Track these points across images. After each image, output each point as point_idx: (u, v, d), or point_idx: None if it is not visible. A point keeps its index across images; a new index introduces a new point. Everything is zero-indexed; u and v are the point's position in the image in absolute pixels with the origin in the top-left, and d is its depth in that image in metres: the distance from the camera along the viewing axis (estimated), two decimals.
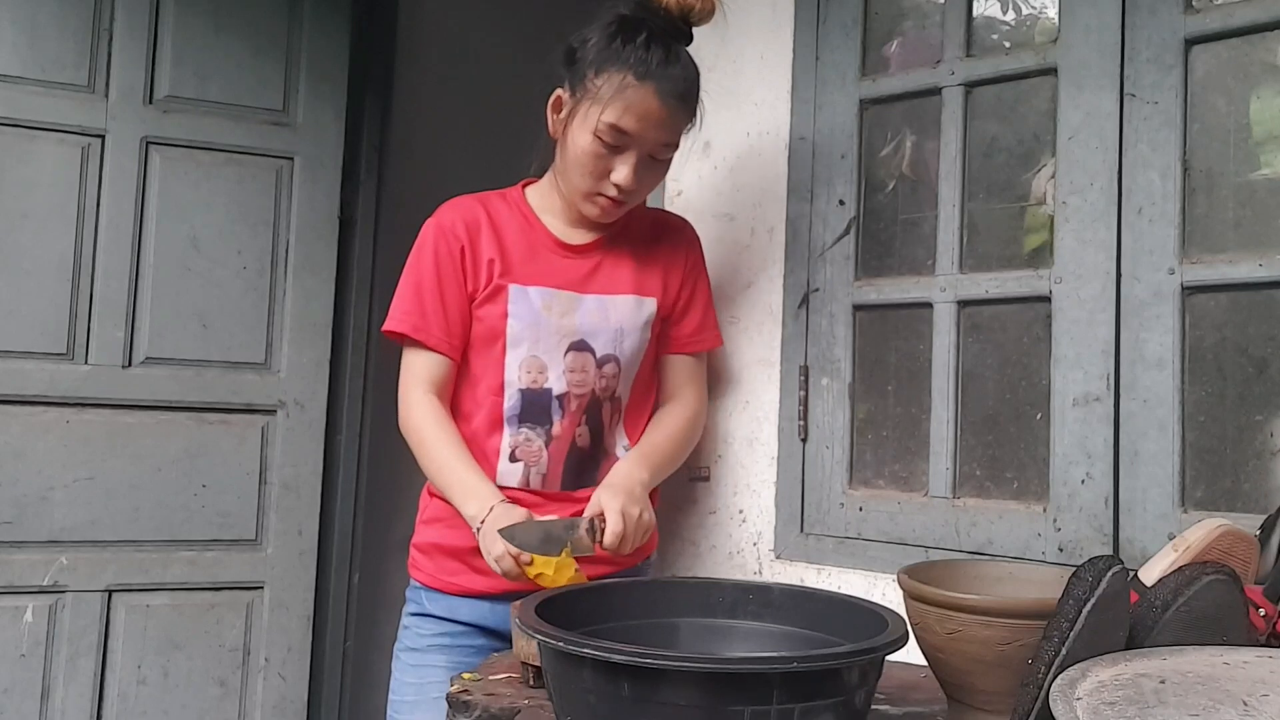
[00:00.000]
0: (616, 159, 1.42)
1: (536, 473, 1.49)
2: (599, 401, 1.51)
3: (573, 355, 1.49)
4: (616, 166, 1.42)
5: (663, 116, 1.40)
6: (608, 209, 1.47)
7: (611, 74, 1.39)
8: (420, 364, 1.49)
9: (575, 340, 1.49)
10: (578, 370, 1.49)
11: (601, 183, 1.44)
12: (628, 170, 1.42)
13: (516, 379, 1.48)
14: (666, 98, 1.39)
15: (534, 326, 1.47)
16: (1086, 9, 1.42)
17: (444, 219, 1.52)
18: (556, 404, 1.49)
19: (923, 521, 1.52)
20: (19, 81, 2.07)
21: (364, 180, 2.52)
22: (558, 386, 1.48)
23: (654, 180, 1.49)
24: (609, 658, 0.85)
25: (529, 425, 1.48)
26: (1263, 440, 1.29)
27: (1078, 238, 1.40)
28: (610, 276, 1.53)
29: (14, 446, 2.06)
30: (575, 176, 1.45)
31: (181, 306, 2.19)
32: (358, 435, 2.50)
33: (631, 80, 1.38)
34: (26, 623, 2.05)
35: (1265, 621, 1.02)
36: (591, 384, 1.50)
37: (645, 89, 1.38)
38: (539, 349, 1.48)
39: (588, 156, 1.42)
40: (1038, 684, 0.88)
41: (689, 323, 1.59)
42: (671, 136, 1.44)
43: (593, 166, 1.43)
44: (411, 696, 1.51)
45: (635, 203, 1.50)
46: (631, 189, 1.44)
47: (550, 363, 1.48)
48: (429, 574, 1.53)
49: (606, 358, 1.51)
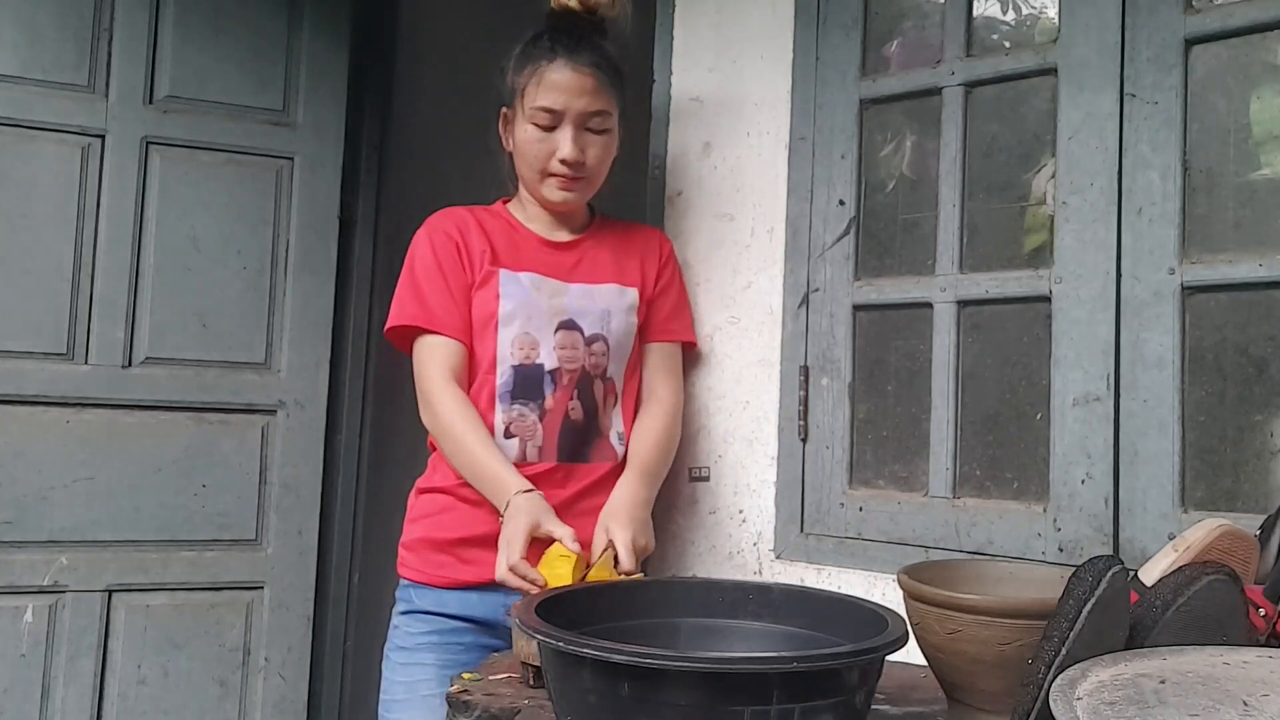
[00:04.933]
0: (555, 136, 1.52)
1: (533, 446, 1.53)
2: (590, 378, 1.56)
3: (562, 333, 1.55)
4: (559, 144, 1.52)
5: (582, 84, 1.50)
6: (566, 185, 1.55)
7: (525, 69, 1.53)
8: (435, 353, 1.53)
9: (564, 320, 1.56)
10: (567, 347, 1.55)
11: (550, 162, 1.53)
12: (567, 143, 1.51)
13: (509, 355, 1.53)
14: (580, 66, 1.50)
15: (525, 305, 1.54)
16: (1086, 9, 1.42)
17: (435, 222, 1.60)
18: (549, 378, 1.54)
19: (923, 521, 1.52)
20: (19, 81, 2.07)
21: (364, 180, 2.52)
22: (549, 362, 1.54)
23: (601, 154, 1.56)
24: (609, 658, 0.85)
25: (522, 401, 1.53)
26: (1263, 440, 1.29)
27: (1078, 238, 1.40)
28: (592, 268, 1.61)
29: (14, 446, 2.06)
30: (527, 169, 1.56)
31: (181, 306, 2.19)
32: (358, 435, 2.50)
33: (543, 64, 1.51)
34: (26, 623, 2.05)
35: (1265, 621, 1.02)
36: (581, 360, 1.56)
37: (556, 65, 1.50)
38: (530, 326, 1.54)
39: (530, 144, 1.53)
40: (1038, 684, 0.87)
41: (660, 311, 1.66)
42: (597, 104, 1.52)
43: (537, 150, 1.53)
44: (402, 695, 1.52)
45: (594, 176, 1.58)
46: (577, 160, 1.52)
47: (541, 339, 1.54)
48: (416, 569, 1.55)
49: (594, 336, 1.57)
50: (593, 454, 1.56)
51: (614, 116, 1.56)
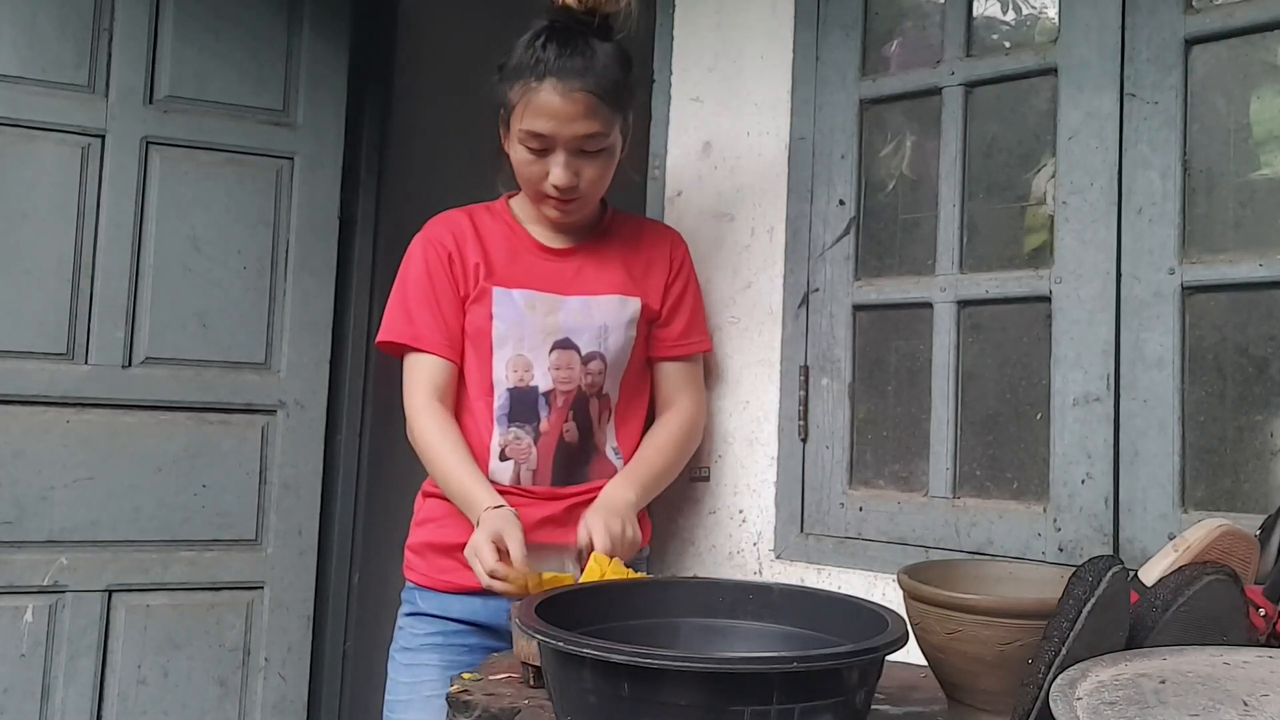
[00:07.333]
0: (547, 161, 1.45)
1: (526, 469, 1.51)
2: (586, 398, 1.53)
3: (557, 353, 1.52)
4: (550, 169, 1.45)
5: (572, 110, 1.41)
6: (561, 208, 1.50)
7: (517, 84, 1.44)
8: (420, 371, 1.52)
9: (560, 339, 1.52)
10: (563, 367, 1.51)
11: (543, 184, 1.47)
12: (559, 170, 1.45)
13: (504, 378, 1.51)
14: (569, 91, 1.41)
15: (518, 326, 1.50)
16: (1086, 9, 1.42)
17: (430, 232, 1.57)
18: (543, 401, 1.51)
19: (923, 521, 1.52)
20: (19, 81, 2.07)
21: (364, 180, 2.52)
22: (544, 384, 1.51)
23: (598, 173, 1.49)
24: (609, 658, 0.85)
25: (518, 424, 1.51)
26: (1263, 440, 1.29)
27: (1078, 238, 1.40)
28: (593, 278, 1.56)
29: (14, 446, 2.06)
30: (523, 185, 1.52)
31: (181, 306, 2.19)
32: (358, 435, 2.50)
33: (532, 83, 1.42)
34: (26, 623, 2.05)
35: (1265, 621, 1.02)
36: (577, 380, 1.52)
37: (544, 88, 1.41)
38: (524, 347, 1.51)
39: (522, 165, 1.48)
40: (1038, 684, 0.87)
41: (676, 325, 1.61)
42: (591, 127, 1.43)
43: (528, 172, 1.47)
44: (405, 696, 1.52)
45: (591, 196, 1.52)
46: (570, 185, 1.46)
47: (535, 360, 1.51)
48: (421, 573, 1.55)
49: (591, 355, 1.53)
50: (590, 472, 1.54)
51: (611, 134, 1.47)
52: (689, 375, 1.63)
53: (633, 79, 1.52)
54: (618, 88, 1.46)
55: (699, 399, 1.64)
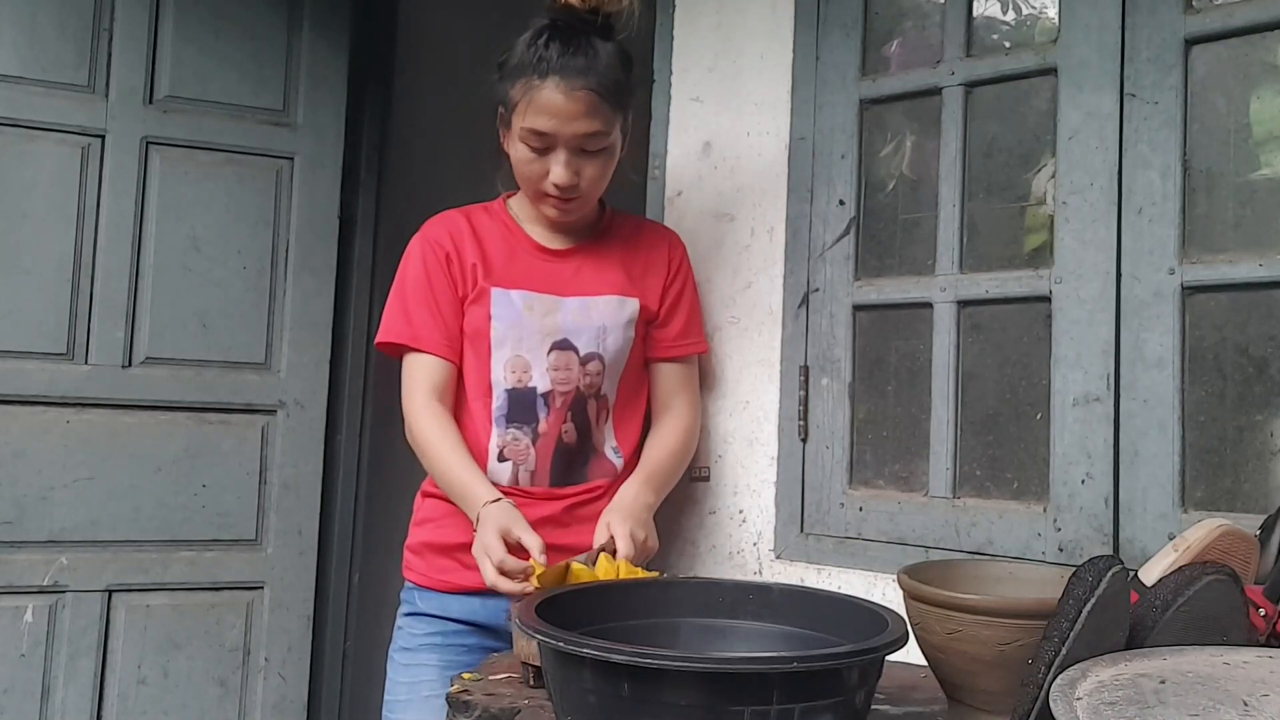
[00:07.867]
0: (548, 159, 1.46)
1: (525, 470, 1.51)
2: (584, 398, 1.53)
3: (556, 354, 1.52)
4: (550, 167, 1.46)
5: (573, 109, 1.42)
6: (561, 207, 1.50)
7: (518, 82, 1.44)
8: (419, 371, 1.52)
9: (558, 339, 1.52)
10: (561, 368, 1.51)
11: (543, 183, 1.47)
12: (560, 169, 1.45)
13: (502, 379, 1.51)
14: (572, 90, 1.41)
15: (516, 327, 1.50)
16: (1086, 9, 1.42)
17: (428, 232, 1.57)
18: (541, 402, 1.51)
19: (923, 521, 1.52)
20: (19, 81, 2.07)
21: (364, 180, 2.52)
22: (542, 385, 1.51)
23: (598, 172, 1.49)
24: (609, 658, 0.85)
25: (516, 425, 1.51)
26: (1263, 440, 1.29)
27: (1078, 238, 1.40)
28: (591, 279, 1.56)
29: (14, 446, 2.06)
30: (522, 184, 1.52)
31: (181, 306, 2.19)
32: (358, 435, 2.50)
33: (535, 81, 1.42)
34: (26, 623, 2.05)
35: (1265, 621, 1.02)
36: (575, 381, 1.52)
37: (547, 86, 1.41)
38: (522, 348, 1.51)
39: (523, 164, 1.48)
40: (1038, 684, 0.88)
41: (673, 327, 1.61)
42: (593, 126, 1.44)
43: (529, 171, 1.47)
44: (404, 696, 1.52)
45: (591, 195, 1.52)
46: (570, 184, 1.46)
47: (534, 361, 1.51)
48: (421, 573, 1.55)
49: (590, 355, 1.53)
50: (589, 473, 1.54)
51: (612, 134, 1.47)
52: (685, 376, 1.63)
53: (633, 79, 1.53)
54: (619, 87, 1.47)
55: (696, 401, 1.65)
